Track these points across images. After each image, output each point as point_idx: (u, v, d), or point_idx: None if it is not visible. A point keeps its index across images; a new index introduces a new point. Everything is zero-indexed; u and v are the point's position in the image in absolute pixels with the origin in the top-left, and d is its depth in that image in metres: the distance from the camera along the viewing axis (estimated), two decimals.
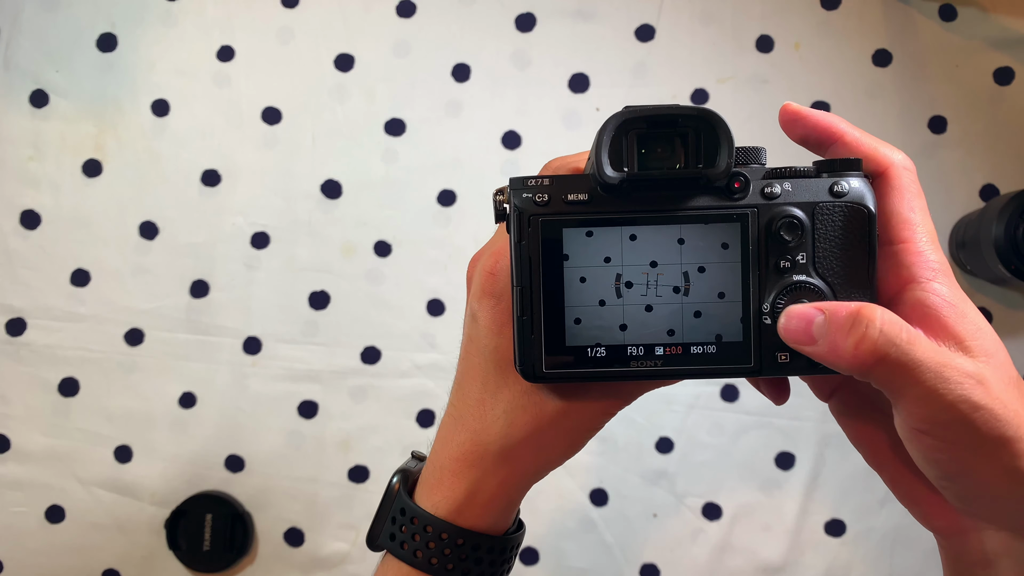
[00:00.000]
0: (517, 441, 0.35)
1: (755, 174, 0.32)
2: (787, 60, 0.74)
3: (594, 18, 0.75)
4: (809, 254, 0.32)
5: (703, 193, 0.32)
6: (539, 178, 0.32)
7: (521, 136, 0.75)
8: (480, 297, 0.36)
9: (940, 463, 0.30)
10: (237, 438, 0.76)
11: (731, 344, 0.32)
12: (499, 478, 0.36)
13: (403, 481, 0.38)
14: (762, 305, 0.32)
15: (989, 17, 0.73)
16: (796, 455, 0.74)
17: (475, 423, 0.36)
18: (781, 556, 0.74)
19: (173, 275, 0.76)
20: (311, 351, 0.76)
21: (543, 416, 0.35)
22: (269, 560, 0.75)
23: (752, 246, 0.32)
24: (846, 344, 0.29)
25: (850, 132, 0.34)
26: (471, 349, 0.37)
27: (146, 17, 0.76)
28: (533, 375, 0.33)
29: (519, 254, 0.32)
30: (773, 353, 0.32)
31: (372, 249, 0.76)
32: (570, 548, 0.75)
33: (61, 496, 0.76)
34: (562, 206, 0.32)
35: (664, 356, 0.33)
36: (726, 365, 0.33)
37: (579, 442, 0.37)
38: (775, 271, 0.32)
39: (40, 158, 0.76)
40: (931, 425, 0.29)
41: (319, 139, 0.76)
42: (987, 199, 0.73)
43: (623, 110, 0.31)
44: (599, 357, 0.33)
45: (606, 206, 0.32)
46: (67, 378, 0.76)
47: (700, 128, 0.31)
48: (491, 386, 0.36)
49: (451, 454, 0.37)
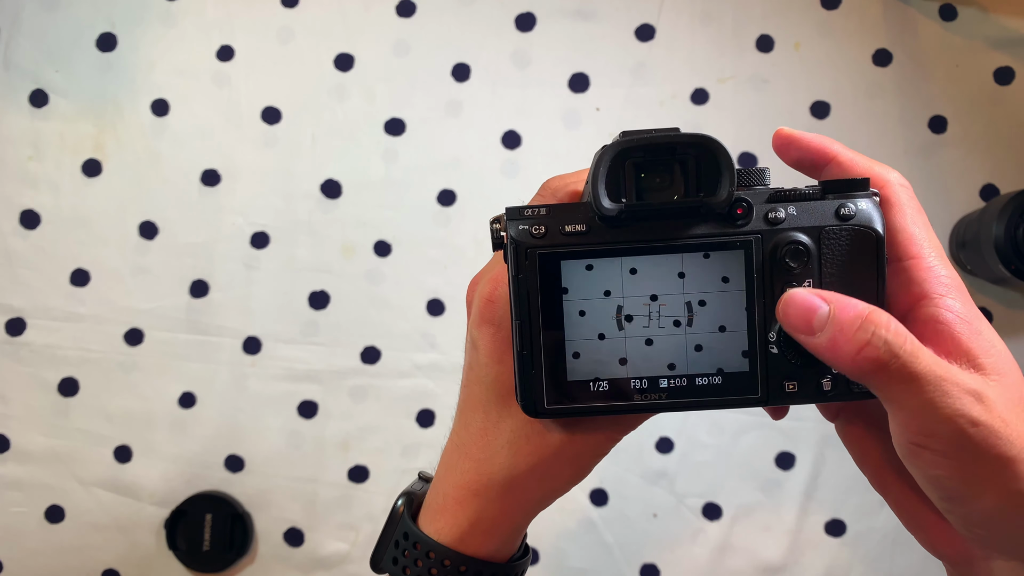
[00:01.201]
0: (521, 471, 0.35)
1: (758, 197, 0.31)
2: (787, 60, 0.74)
3: (594, 18, 0.75)
4: (816, 280, 0.31)
5: (705, 220, 0.31)
6: (535, 208, 0.31)
7: (521, 136, 0.75)
8: (479, 324, 0.35)
9: (940, 481, 0.29)
10: (237, 438, 0.75)
11: (737, 374, 0.32)
12: (503, 507, 0.36)
13: (407, 504, 0.38)
14: (768, 334, 0.31)
15: (989, 17, 0.73)
16: (796, 455, 0.74)
17: (479, 452, 0.36)
18: (781, 556, 0.74)
19: (173, 275, 0.76)
20: (311, 351, 0.76)
21: (547, 446, 0.35)
22: (269, 560, 0.75)
23: (756, 274, 0.31)
24: (848, 346, 0.28)
25: (844, 153, 0.33)
26: (471, 377, 0.36)
27: (146, 17, 0.76)
28: (535, 411, 0.32)
29: (517, 288, 0.31)
30: (780, 382, 0.31)
31: (372, 249, 0.76)
32: (570, 548, 0.75)
33: (61, 496, 0.76)
34: (560, 237, 0.31)
35: (669, 388, 0.32)
36: (732, 396, 0.32)
37: (584, 470, 0.37)
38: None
39: (40, 158, 0.76)
40: (927, 438, 0.28)
41: (319, 139, 0.76)
42: (987, 199, 0.73)
43: (619, 139, 0.30)
44: (602, 392, 0.32)
45: (605, 236, 0.31)
46: (67, 378, 0.76)
47: (699, 155, 0.30)
48: (493, 416, 0.35)
49: (455, 482, 0.36)
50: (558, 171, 0.83)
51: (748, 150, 0.74)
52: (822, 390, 0.31)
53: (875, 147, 0.74)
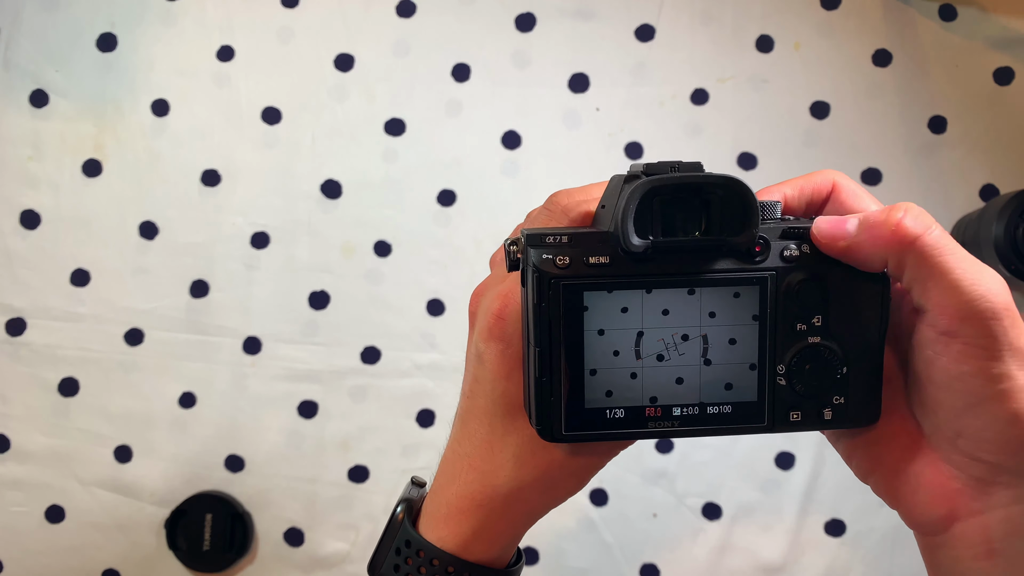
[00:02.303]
0: (526, 484, 0.36)
1: (772, 233, 0.33)
2: (787, 60, 0.74)
3: (594, 18, 0.75)
4: (824, 316, 0.33)
5: (724, 256, 0.32)
6: (556, 235, 0.32)
7: (521, 136, 0.75)
8: (487, 339, 0.35)
9: (964, 381, 0.30)
10: (237, 438, 0.76)
11: (746, 404, 0.33)
12: (506, 517, 0.36)
13: (408, 512, 0.38)
14: (777, 367, 0.33)
15: (989, 17, 0.73)
16: (796, 455, 0.74)
17: (483, 464, 0.36)
18: (781, 556, 0.74)
19: (173, 275, 0.76)
20: (311, 351, 0.76)
21: (551, 461, 0.35)
22: (269, 560, 0.75)
23: (769, 308, 0.33)
24: (884, 228, 0.30)
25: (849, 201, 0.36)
26: (476, 389, 0.36)
27: (146, 17, 0.76)
28: (552, 436, 0.33)
29: (538, 316, 0.32)
30: (786, 412, 0.33)
31: (372, 249, 0.76)
32: (570, 548, 0.75)
33: (61, 496, 0.76)
34: (583, 269, 0.32)
35: (681, 416, 0.33)
36: (740, 424, 0.33)
37: (584, 481, 0.37)
38: (791, 333, 0.33)
39: (40, 158, 0.76)
40: (961, 323, 0.29)
41: (319, 139, 0.76)
42: (987, 199, 0.73)
43: (648, 179, 0.31)
44: (617, 419, 0.33)
45: (627, 269, 0.32)
46: (67, 378, 0.76)
47: (725, 194, 0.32)
48: (498, 429, 0.36)
49: (458, 492, 0.37)
50: (558, 171, 0.83)
51: (748, 150, 0.74)
52: (823, 419, 0.33)
53: (875, 147, 0.74)
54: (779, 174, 0.70)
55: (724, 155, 0.74)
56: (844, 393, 0.33)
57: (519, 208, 0.75)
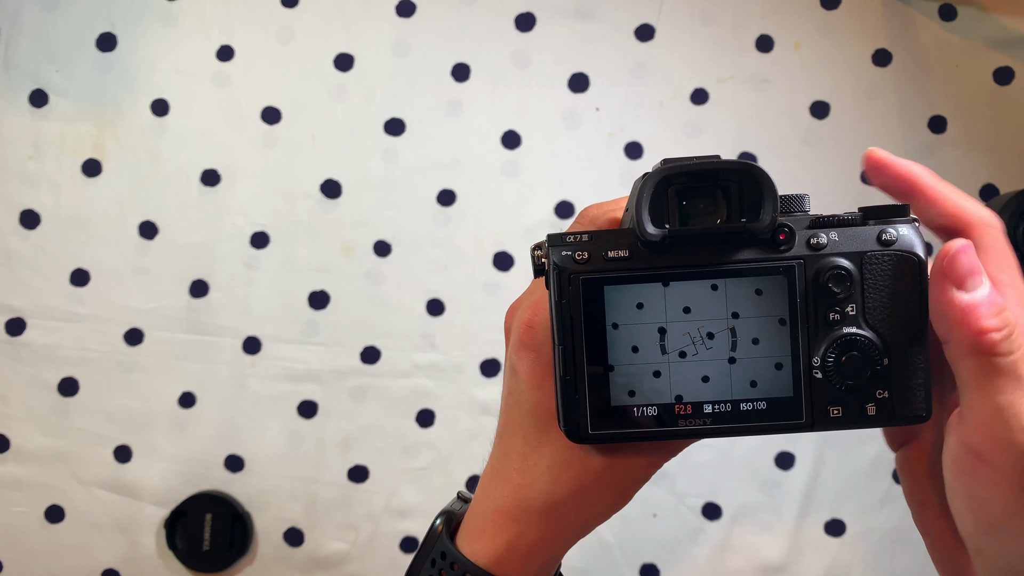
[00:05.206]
0: (562, 497, 0.35)
1: (799, 223, 0.31)
2: (787, 60, 0.74)
3: (594, 18, 0.75)
4: (859, 305, 0.31)
5: (747, 245, 0.31)
6: (578, 234, 0.32)
7: (521, 136, 0.75)
8: (519, 350, 0.35)
9: (984, 505, 0.29)
10: (237, 438, 0.76)
11: (781, 400, 0.32)
12: (542, 532, 0.36)
13: (446, 523, 0.38)
14: (812, 359, 0.31)
15: (989, 17, 0.73)
16: (796, 455, 0.74)
17: (518, 477, 0.36)
18: (781, 556, 0.74)
19: (173, 275, 0.76)
20: (311, 351, 0.76)
21: (588, 472, 0.34)
22: (269, 560, 0.75)
23: (800, 299, 0.31)
24: (981, 321, 0.28)
25: (933, 187, 0.33)
26: (511, 403, 0.36)
27: (146, 17, 0.76)
28: (579, 436, 0.32)
29: (560, 313, 0.31)
30: (825, 407, 0.31)
31: (372, 249, 0.76)
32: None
33: (61, 496, 0.76)
34: (602, 263, 0.31)
35: (713, 414, 0.32)
36: (777, 422, 0.32)
37: (625, 496, 0.36)
38: (824, 324, 0.31)
39: (40, 158, 0.76)
40: (993, 448, 0.28)
41: (319, 139, 0.76)
42: (987, 199, 0.73)
43: (663, 166, 0.30)
44: (645, 417, 0.32)
45: (648, 262, 0.31)
46: (67, 378, 0.76)
47: (742, 181, 0.31)
48: (533, 441, 0.35)
49: (494, 506, 0.36)
50: (558, 171, 0.83)
51: (748, 150, 0.74)
52: (866, 415, 0.31)
53: (875, 147, 0.74)
54: (779, 174, 0.70)
55: (724, 155, 0.74)
56: (887, 387, 0.31)
57: (519, 208, 0.76)
